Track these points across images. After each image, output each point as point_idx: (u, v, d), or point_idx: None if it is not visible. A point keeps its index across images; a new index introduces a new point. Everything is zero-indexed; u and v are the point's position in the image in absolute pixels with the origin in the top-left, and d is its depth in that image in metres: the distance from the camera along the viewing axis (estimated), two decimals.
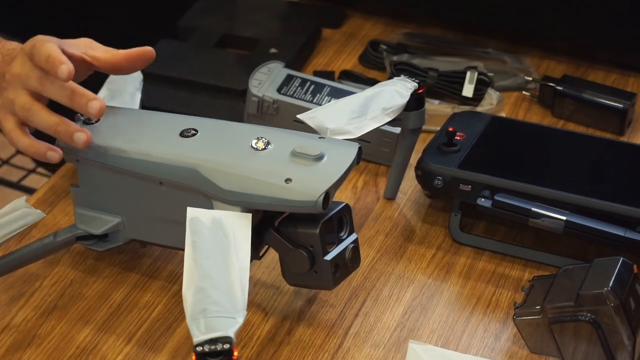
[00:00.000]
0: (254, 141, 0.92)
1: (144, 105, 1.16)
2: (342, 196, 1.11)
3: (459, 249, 1.04)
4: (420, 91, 1.05)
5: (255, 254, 0.95)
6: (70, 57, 0.96)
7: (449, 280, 1.01)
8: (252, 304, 0.98)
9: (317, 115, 0.98)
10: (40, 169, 1.82)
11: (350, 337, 0.95)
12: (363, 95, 1.02)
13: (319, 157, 0.90)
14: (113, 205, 0.97)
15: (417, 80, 1.05)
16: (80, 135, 0.94)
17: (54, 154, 0.95)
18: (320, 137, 0.94)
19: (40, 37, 0.97)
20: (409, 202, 1.10)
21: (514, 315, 0.93)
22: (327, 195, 0.88)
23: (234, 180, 0.90)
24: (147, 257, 1.03)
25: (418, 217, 1.08)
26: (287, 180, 0.89)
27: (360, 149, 0.94)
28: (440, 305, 0.98)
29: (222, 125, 0.96)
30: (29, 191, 1.78)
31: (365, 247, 1.04)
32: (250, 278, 0.99)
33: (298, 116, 0.98)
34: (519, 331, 0.93)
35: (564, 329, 0.90)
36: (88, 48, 1.01)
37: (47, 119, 0.95)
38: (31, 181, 1.84)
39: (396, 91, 1.03)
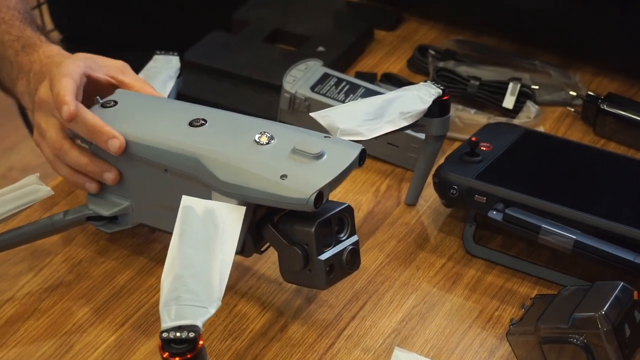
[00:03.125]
0: (258, 135, 0.92)
1: (183, 94, 1.18)
2: (363, 198, 1.10)
3: (471, 260, 1.03)
4: (445, 98, 1.03)
5: (256, 249, 0.95)
6: (96, 81, 1.02)
7: (454, 291, 0.99)
8: (251, 298, 0.98)
9: (331, 114, 0.98)
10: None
11: (343, 339, 0.94)
12: (383, 97, 1.02)
13: (318, 156, 0.90)
14: (123, 189, 0.99)
15: (442, 87, 1.03)
16: (109, 175, 0.98)
17: (91, 185, 1.00)
18: (325, 136, 0.94)
19: (64, 68, 0.99)
20: (429, 210, 1.09)
21: (507, 332, 0.91)
22: (321, 194, 0.88)
23: (231, 172, 0.90)
24: (159, 242, 1.04)
25: (435, 226, 1.07)
26: (283, 176, 0.89)
27: (364, 150, 0.93)
28: (440, 316, 0.97)
29: (231, 117, 0.97)
30: None
31: (375, 250, 1.04)
32: (254, 272, 1.00)
33: (311, 114, 0.98)
34: (512, 349, 0.91)
35: (555, 350, 0.88)
36: (119, 72, 1.05)
37: (77, 160, 0.99)
38: None
39: (418, 96, 1.02)
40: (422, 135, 1.09)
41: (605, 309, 0.86)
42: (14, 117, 2.42)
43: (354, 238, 0.94)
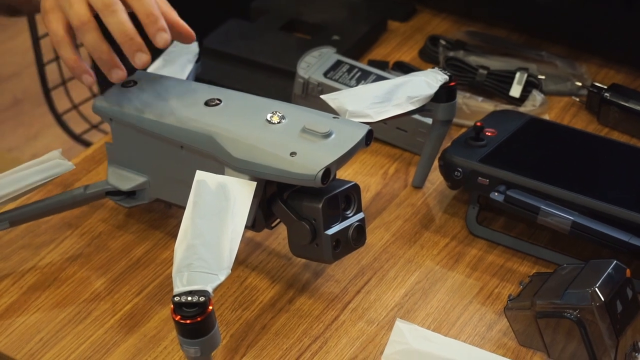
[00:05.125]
0: (270, 115, 0.97)
1: (202, 79, 1.22)
2: (371, 180, 1.14)
3: (473, 240, 1.07)
4: (452, 84, 1.07)
5: (267, 224, 1.00)
6: None
7: (456, 269, 1.04)
8: (261, 271, 1.02)
9: (340, 97, 1.02)
10: (103, 126, 1.92)
11: (348, 311, 0.98)
12: (392, 82, 1.06)
13: (327, 135, 0.94)
14: (141, 164, 1.03)
15: (448, 74, 1.07)
16: (117, 71, 0.97)
17: (88, 77, 0.97)
18: (334, 117, 0.98)
19: None
20: (435, 192, 1.13)
21: (505, 307, 0.95)
22: (328, 171, 0.92)
23: (244, 149, 0.94)
24: (174, 218, 1.08)
25: (440, 207, 1.11)
26: (292, 153, 0.93)
27: (370, 131, 0.97)
28: (442, 292, 1.01)
29: (245, 98, 1.01)
30: (87, 144, 1.89)
31: (382, 229, 1.08)
32: (265, 247, 1.05)
33: (322, 96, 1.03)
34: (509, 323, 0.95)
35: (550, 324, 0.92)
36: None
37: (95, 43, 0.95)
38: (92, 136, 1.93)
39: (425, 81, 1.06)
40: (429, 120, 1.13)
41: (597, 285, 0.90)
42: (38, 105, 2.49)
43: (360, 215, 0.98)
